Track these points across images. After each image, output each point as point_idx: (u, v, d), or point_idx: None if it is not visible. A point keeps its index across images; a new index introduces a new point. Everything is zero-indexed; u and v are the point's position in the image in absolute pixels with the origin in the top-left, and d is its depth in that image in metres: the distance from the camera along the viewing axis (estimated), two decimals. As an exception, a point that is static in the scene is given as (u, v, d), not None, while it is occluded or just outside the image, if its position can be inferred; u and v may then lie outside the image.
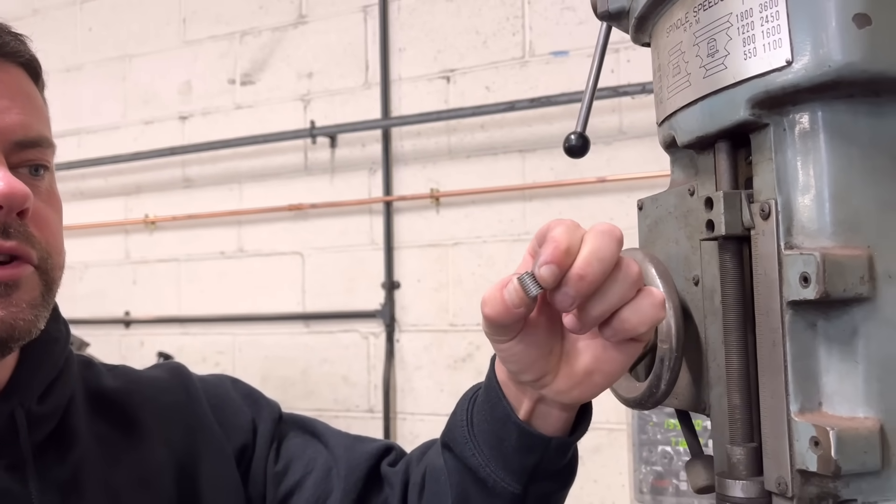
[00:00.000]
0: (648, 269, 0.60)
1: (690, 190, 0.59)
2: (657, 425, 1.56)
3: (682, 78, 0.56)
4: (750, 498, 0.50)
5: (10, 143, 0.59)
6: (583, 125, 0.72)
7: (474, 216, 2.37)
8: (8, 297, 0.57)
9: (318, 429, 0.80)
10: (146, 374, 0.78)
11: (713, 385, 0.56)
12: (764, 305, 0.49)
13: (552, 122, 2.27)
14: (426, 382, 2.41)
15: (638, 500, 1.57)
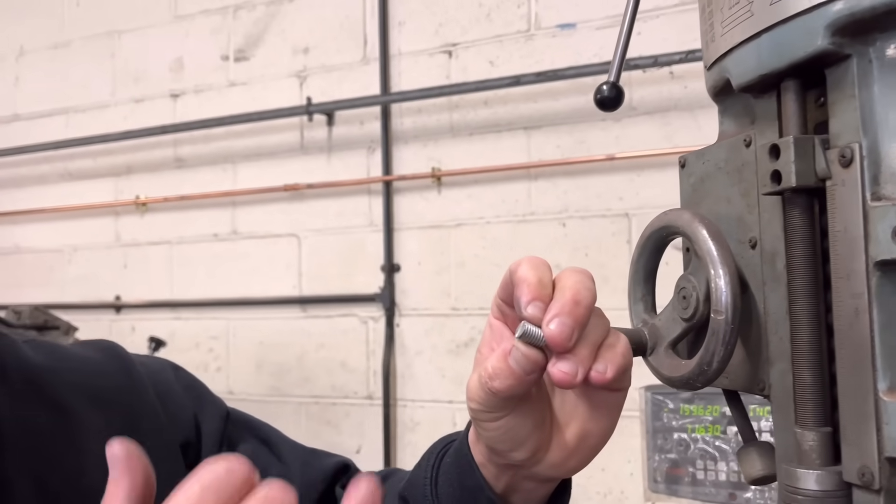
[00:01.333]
0: (699, 230, 0.53)
1: (746, 140, 0.52)
2: (672, 411, 1.50)
3: (741, 9, 0.49)
4: (826, 490, 0.43)
5: None
6: (616, 74, 0.64)
7: (477, 196, 2.30)
8: None
9: (270, 437, 0.74)
10: (75, 352, 0.69)
11: (774, 361, 0.50)
12: (843, 267, 0.43)
13: (558, 97, 2.20)
14: (427, 368, 2.35)
15: (652, 489, 1.51)
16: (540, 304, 0.47)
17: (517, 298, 0.48)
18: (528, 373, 0.47)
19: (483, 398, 0.50)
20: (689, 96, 2.05)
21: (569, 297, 0.47)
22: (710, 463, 1.46)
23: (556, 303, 0.47)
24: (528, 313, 0.47)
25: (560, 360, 0.47)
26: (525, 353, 0.47)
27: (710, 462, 1.46)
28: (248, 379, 2.59)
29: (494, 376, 0.48)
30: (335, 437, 2.44)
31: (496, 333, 0.55)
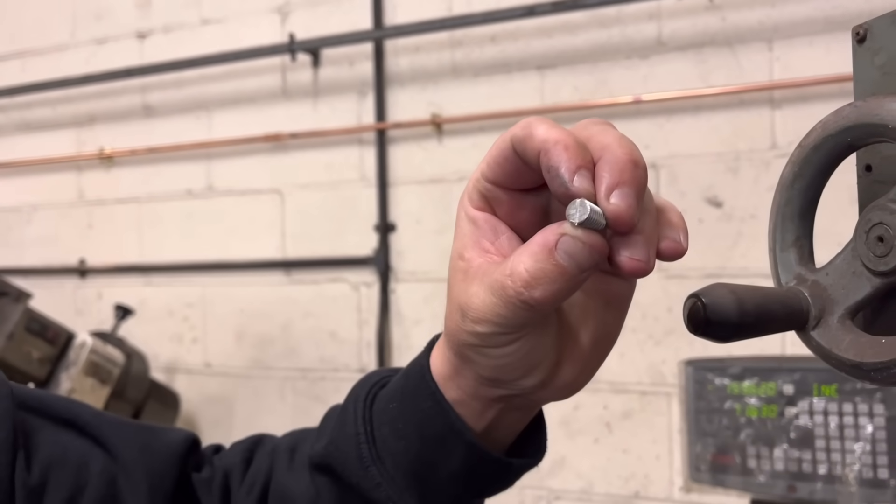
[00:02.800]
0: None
1: None
2: (719, 389, 1.33)
3: None
4: None
5: None
6: None
7: (483, 146, 2.10)
8: None
9: (80, 416, 0.55)
10: None
11: None
12: None
13: (576, 31, 1.99)
14: (426, 338, 2.16)
15: (693, 478, 1.34)
16: (587, 173, 0.36)
17: (553, 168, 0.36)
18: (586, 269, 0.37)
19: (505, 316, 0.39)
20: (728, 29, 1.84)
21: (624, 158, 0.36)
22: (765, 449, 1.28)
23: (609, 168, 0.36)
24: (576, 186, 0.36)
25: (626, 243, 0.37)
26: (587, 242, 0.36)
27: (763, 448, 1.29)
28: (227, 351, 2.41)
29: (535, 282, 0.37)
30: (324, 415, 2.27)
31: (483, 231, 0.43)
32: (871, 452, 1.18)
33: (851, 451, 1.20)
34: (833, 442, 1.22)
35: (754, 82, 1.81)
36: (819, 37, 1.78)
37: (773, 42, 1.82)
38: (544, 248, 0.37)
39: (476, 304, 0.40)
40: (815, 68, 1.75)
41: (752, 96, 1.82)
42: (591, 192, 0.36)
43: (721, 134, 1.86)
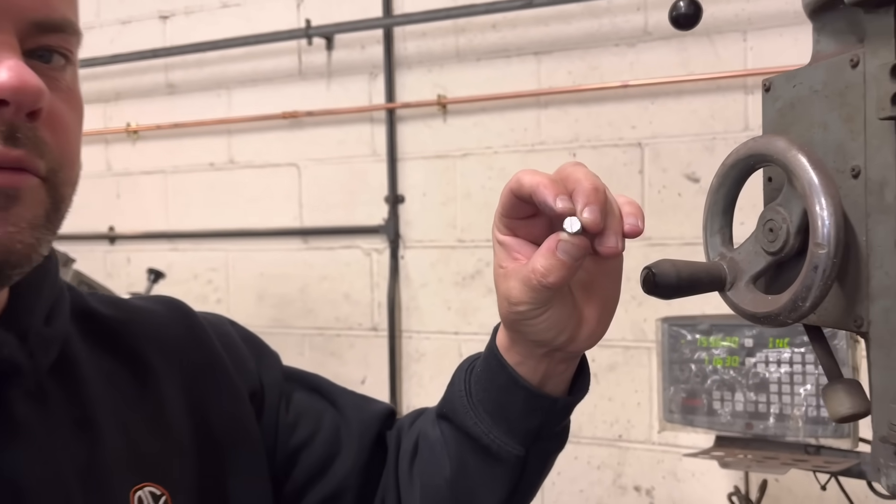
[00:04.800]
0: (798, 158, 0.50)
1: (853, 60, 0.48)
2: (689, 343, 1.50)
3: (862, -88, 0.44)
4: (940, 431, 0.42)
5: (26, 22, 0.48)
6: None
7: (485, 124, 2.25)
8: (6, 212, 0.46)
9: (322, 385, 0.78)
10: (140, 306, 0.70)
11: (876, 298, 0.47)
12: (973, 198, 0.40)
13: (571, 21, 2.13)
14: (432, 300, 2.34)
15: (667, 419, 1.52)
16: (565, 197, 0.53)
17: (542, 200, 0.53)
18: (578, 259, 0.54)
19: (534, 297, 0.56)
20: (706, 21, 1.98)
21: (588, 186, 0.53)
22: (728, 394, 1.47)
23: (580, 194, 0.53)
24: (559, 207, 0.52)
25: (601, 238, 0.53)
26: (575, 243, 0.53)
27: (727, 393, 1.47)
28: (249, 311, 2.57)
29: (548, 272, 0.54)
30: (340, 368, 2.45)
31: (511, 248, 0.60)
32: (815, 394, 1.36)
33: (798, 394, 1.38)
34: (784, 386, 1.40)
35: (730, 70, 1.96)
36: (788, 28, 1.92)
37: (748, 33, 1.97)
38: (550, 250, 0.54)
39: (514, 293, 0.57)
40: (785, 58, 1.89)
41: (727, 82, 1.97)
42: (571, 209, 0.53)
43: (699, 116, 2.01)
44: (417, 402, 2.36)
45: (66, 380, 0.57)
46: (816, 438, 1.37)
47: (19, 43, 0.48)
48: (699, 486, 2.02)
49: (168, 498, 0.59)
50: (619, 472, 2.13)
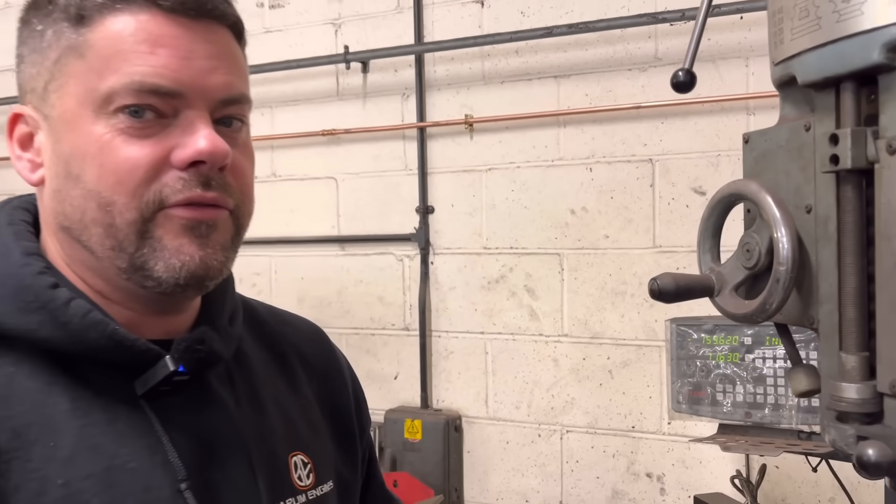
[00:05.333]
0: (765, 197, 0.65)
1: (806, 126, 0.63)
2: (696, 341, 1.64)
3: (809, 21, 0.59)
4: (864, 399, 0.57)
5: (215, 101, 0.63)
6: (691, 62, 0.75)
7: (508, 142, 2.40)
8: (206, 238, 0.62)
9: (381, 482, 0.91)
10: (290, 320, 0.85)
11: (823, 302, 0.62)
12: (885, 231, 0.55)
13: (587, 47, 2.27)
14: (460, 302, 2.49)
15: (675, 409, 1.66)
16: None
17: None
18: None
19: None
20: (712, 48, 2.12)
21: None
22: (729, 386, 1.61)
23: None
24: None
25: None
26: None
27: (728, 386, 1.61)
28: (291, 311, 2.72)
29: None
30: (374, 365, 2.60)
31: None
32: (806, 387, 1.50)
33: (791, 386, 1.52)
34: (779, 379, 1.54)
35: (733, 93, 2.10)
36: (787, 55, 2.05)
37: (749, 59, 2.11)
38: None
39: None
40: (784, 81, 2.02)
41: (731, 104, 2.11)
42: None
43: (705, 135, 2.15)
44: (446, 395, 2.52)
45: (242, 367, 0.73)
46: (808, 425, 1.51)
47: (210, 114, 0.63)
48: (706, 472, 2.16)
49: (312, 466, 0.74)
50: (633, 460, 2.27)
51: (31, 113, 0.65)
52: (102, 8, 0.61)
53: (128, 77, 0.60)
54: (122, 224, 0.61)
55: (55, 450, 0.59)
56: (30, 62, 0.65)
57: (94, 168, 0.61)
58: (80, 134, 0.61)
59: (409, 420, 2.44)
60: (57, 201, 0.64)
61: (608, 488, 2.30)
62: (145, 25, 0.61)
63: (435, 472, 2.38)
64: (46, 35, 0.63)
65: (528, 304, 2.37)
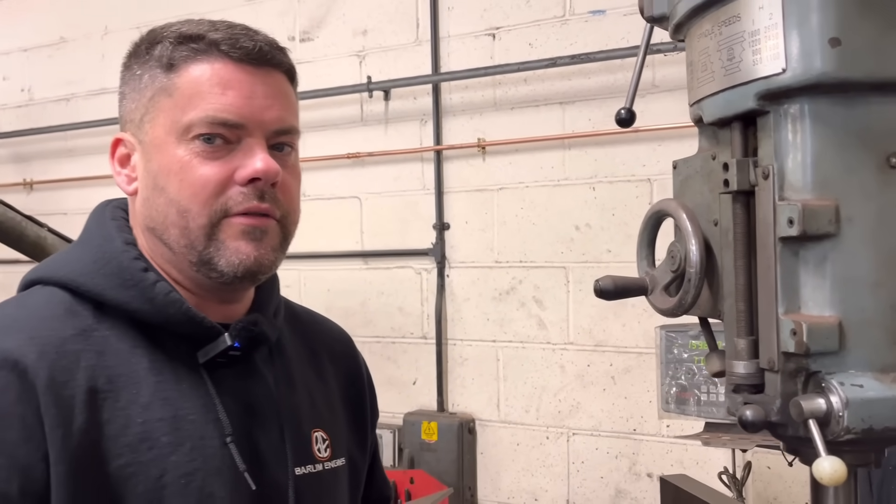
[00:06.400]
0: (680, 213, 0.79)
1: (713, 156, 0.77)
2: (682, 346, 1.76)
3: (708, 73, 0.73)
4: (749, 373, 0.70)
5: (270, 131, 0.79)
6: (630, 102, 0.90)
7: (517, 163, 2.54)
8: (260, 241, 0.77)
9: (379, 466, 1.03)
10: (321, 321, 1.00)
11: (726, 297, 0.75)
12: (763, 240, 0.68)
13: (590, 76, 2.41)
14: (474, 312, 2.63)
15: (664, 409, 1.78)
16: None
17: None
18: None
19: None
20: (706, 75, 2.24)
21: None
22: (713, 387, 1.72)
23: None
24: None
25: None
26: None
27: (712, 387, 1.72)
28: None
29: None
30: (394, 371, 2.75)
31: None
32: (779, 387, 1.61)
33: (765, 386, 1.64)
34: (756, 381, 1.65)
35: (724, 117, 2.21)
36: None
37: (740, 86, 2.22)
38: None
39: None
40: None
41: (722, 128, 2.23)
42: None
43: (700, 156, 2.26)
44: (461, 400, 2.65)
45: (281, 353, 0.86)
46: (783, 423, 1.62)
47: (266, 141, 0.78)
48: (702, 471, 2.25)
49: (329, 443, 0.87)
50: (634, 461, 2.37)
51: (129, 138, 0.81)
52: (188, 58, 0.77)
53: (203, 112, 0.76)
54: (195, 227, 0.76)
55: (136, 396, 0.74)
56: (130, 99, 0.81)
57: (175, 182, 0.76)
58: (166, 155, 0.77)
59: (426, 422, 2.58)
60: (146, 207, 0.79)
61: (612, 487, 2.40)
62: (218, 71, 0.77)
63: (450, 471, 2.51)
64: (143, 78, 0.79)
65: (536, 314, 2.50)
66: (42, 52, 3.62)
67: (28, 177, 3.57)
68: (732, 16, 0.69)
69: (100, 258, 0.78)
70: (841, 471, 0.61)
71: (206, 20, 0.82)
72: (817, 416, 0.65)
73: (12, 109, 3.72)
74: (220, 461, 0.76)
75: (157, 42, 0.79)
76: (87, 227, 0.84)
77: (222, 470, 0.76)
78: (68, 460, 0.69)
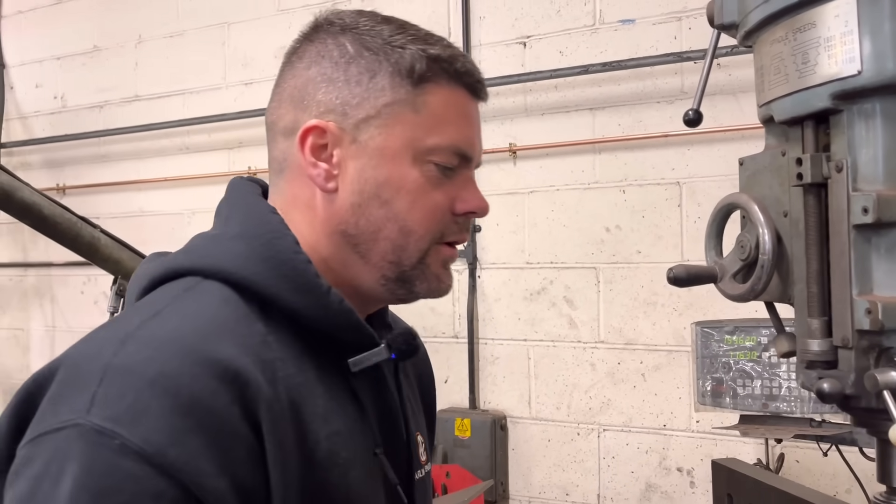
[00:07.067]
0: (752, 205, 0.85)
1: (783, 152, 0.83)
2: (718, 341, 1.82)
3: (781, 76, 0.79)
4: (823, 350, 0.76)
5: (476, 165, 0.83)
6: (698, 104, 0.96)
7: (548, 167, 2.60)
8: (449, 270, 0.80)
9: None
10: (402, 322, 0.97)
11: (796, 283, 0.81)
12: (836, 228, 0.74)
13: (620, 83, 2.47)
14: (505, 312, 2.69)
15: (700, 402, 1.83)
16: None
17: None
18: None
19: None
20: (733, 82, 2.31)
21: None
22: (748, 381, 1.77)
23: None
24: None
25: None
26: None
27: (747, 381, 1.78)
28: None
29: None
30: (427, 370, 2.81)
31: None
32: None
33: (802, 379, 1.69)
34: (793, 374, 1.71)
35: (751, 122, 2.26)
36: (802, 87, 2.23)
37: (767, 92, 2.28)
38: None
39: None
40: (799, 111, 2.20)
41: (750, 132, 2.28)
42: None
43: (727, 160, 2.32)
44: (492, 397, 2.70)
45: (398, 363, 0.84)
46: (820, 414, 1.67)
47: None
48: (731, 466, 2.30)
49: (425, 445, 0.87)
50: (664, 456, 2.42)
51: (334, 130, 0.74)
52: (438, 80, 0.76)
53: (450, 140, 0.76)
54: (414, 250, 0.74)
55: (316, 408, 0.69)
56: (347, 90, 0.74)
57: (406, 201, 0.74)
58: (398, 169, 0.74)
59: (459, 419, 2.64)
60: (351, 213, 0.74)
61: (642, 482, 2.45)
62: (463, 101, 0.79)
63: (483, 467, 2.57)
64: (378, 80, 0.74)
65: (567, 313, 2.56)
66: (76, 61, 3.70)
67: (61, 182, 3.64)
68: (808, 23, 0.75)
69: (271, 257, 0.70)
70: (915, 435, 0.67)
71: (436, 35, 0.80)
72: (891, 388, 0.71)
73: (45, 116, 3.80)
74: (378, 474, 0.75)
75: (397, 46, 0.75)
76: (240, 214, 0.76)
77: (379, 485, 0.75)
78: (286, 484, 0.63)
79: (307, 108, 0.75)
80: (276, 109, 0.79)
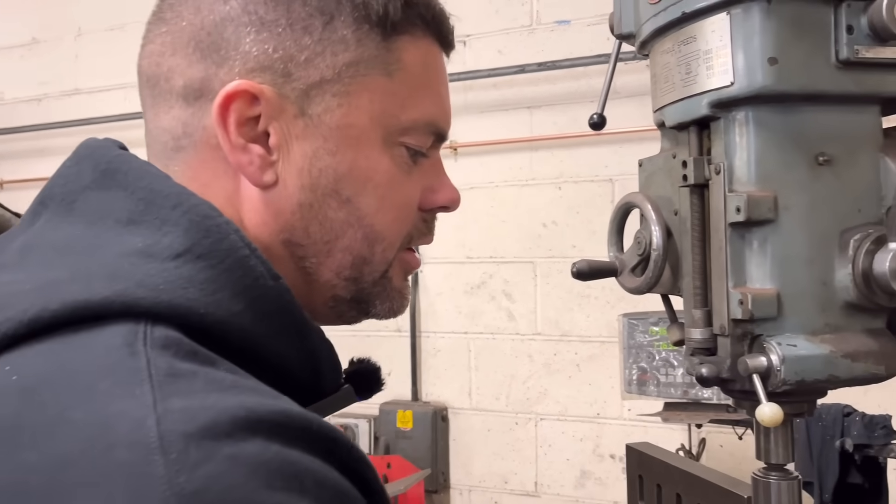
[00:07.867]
0: (646, 204, 0.90)
1: (673, 155, 0.89)
2: (642, 332, 1.90)
3: (669, 84, 0.85)
4: (704, 338, 0.82)
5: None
6: (602, 107, 1.01)
7: (487, 164, 2.66)
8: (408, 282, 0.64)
9: None
10: None
11: (684, 276, 0.87)
12: (715, 225, 0.80)
13: (556, 82, 2.54)
14: (446, 306, 2.73)
15: (627, 390, 1.91)
16: None
17: None
18: None
19: None
20: (663, 82, 2.39)
21: None
22: (670, 370, 1.86)
23: None
24: None
25: None
26: None
27: (670, 369, 1.86)
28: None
29: None
30: (370, 363, 2.84)
31: None
32: (730, 367, 1.76)
33: (718, 367, 1.78)
34: (710, 362, 1.80)
35: (680, 122, 2.36)
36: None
37: (694, 93, 2.37)
38: None
39: None
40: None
41: (678, 132, 2.38)
42: None
43: (657, 158, 2.41)
44: (434, 389, 2.75)
45: None
46: (734, 401, 1.76)
47: None
48: (660, 452, 2.40)
49: None
50: (598, 443, 2.50)
51: (270, 96, 0.49)
52: (413, 30, 0.53)
53: (427, 115, 0.54)
54: (379, 261, 0.54)
55: None
56: (290, 39, 0.49)
57: (374, 199, 0.52)
58: (365, 157, 0.52)
59: (401, 411, 2.68)
60: (299, 216, 0.51)
61: (577, 469, 2.53)
62: (439, 60, 0.55)
63: (424, 457, 2.62)
64: (336, 26, 0.50)
65: (506, 306, 2.62)
66: (14, 53, 3.62)
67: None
68: (689, 37, 0.81)
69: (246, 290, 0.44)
70: (779, 414, 0.73)
71: None
72: (760, 372, 0.77)
73: (-18, 109, 3.71)
74: None
75: None
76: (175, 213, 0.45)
77: None
78: None
79: (225, 60, 0.49)
80: (165, 55, 0.52)
